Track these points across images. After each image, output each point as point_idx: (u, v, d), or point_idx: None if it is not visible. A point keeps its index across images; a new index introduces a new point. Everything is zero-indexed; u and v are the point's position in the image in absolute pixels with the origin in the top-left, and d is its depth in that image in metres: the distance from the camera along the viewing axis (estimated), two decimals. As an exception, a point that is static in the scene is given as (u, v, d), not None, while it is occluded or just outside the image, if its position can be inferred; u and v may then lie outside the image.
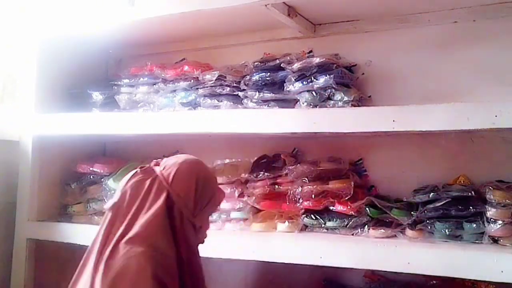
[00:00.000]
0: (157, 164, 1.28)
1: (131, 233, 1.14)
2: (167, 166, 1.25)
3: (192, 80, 1.93)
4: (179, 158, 1.29)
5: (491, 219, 1.45)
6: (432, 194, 1.56)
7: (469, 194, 1.52)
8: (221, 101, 1.84)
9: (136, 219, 1.17)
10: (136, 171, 1.26)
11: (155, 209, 1.17)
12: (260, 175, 1.83)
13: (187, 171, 1.24)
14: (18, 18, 2.17)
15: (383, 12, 1.82)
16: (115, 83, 2.11)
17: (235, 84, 1.84)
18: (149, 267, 1.09)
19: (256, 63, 1.81)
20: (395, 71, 1.84)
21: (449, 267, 1.37)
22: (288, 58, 1.76)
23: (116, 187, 1.99)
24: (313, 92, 1.67)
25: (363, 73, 1.82)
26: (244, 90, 1.81)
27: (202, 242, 1.29)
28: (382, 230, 1.59)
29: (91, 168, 2.12)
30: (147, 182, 1.22)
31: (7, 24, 2.18)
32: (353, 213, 1.66)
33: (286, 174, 1.81)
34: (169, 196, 1.19)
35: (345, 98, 1.64)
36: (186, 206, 1.20)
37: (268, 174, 1.83)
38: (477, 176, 1.68)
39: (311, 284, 1.92)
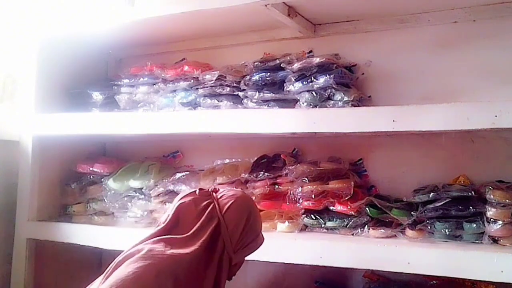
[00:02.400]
0: (215, 191, 1.29)
1: (164, 251, 1.13)
2: (225, 196, 1.26)
3: (192, 80, 1.93)
4: (238, 192, 1.31)
5: (491, 219, 1.45)
6: (432, 194, 1.55)
7: (469, 194, 1.52)
8: (221, 101, 1.85)
9: (185, 239, 1.17)
10: (195, 191, 1.27)
11: (203, 237, 1.17)
12: (260, 175, 1.83)
13: (242, 206, 1.25)
14: (18, 18, 2.17)
15: (383, 12, 1.82)
16: (115, 83, 2.11)
17: (235, 84, 1.84)
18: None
19: (256, 63, 1.81)
20: (395, 71, 1.84)
21: (449, 267, 1.37)
22: (288, 58, 1.76)
23: (116, 187, 2.02)
24: (313, 92, 1.67)
25: (363, 73, 1.82)
26: (244, 90, 1.81)
27: (230, 279, 1.29)
28: (382, 230, 1.59)
29: (91, 168, 2.12)
30: (203, 204, 1.23)
31: (7, 24, 2.18)
32: (353, 213, 1.66)
33: (286, 174, 1.81)
34: (218, 225, 1.20)
35: (345, 98, 1.64)
36: (230, 240, 1.20)
37: (268, 174, 1.83)
38: (477, 176, 1.68)
39: (311, 284, 1.92)
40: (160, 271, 1.08)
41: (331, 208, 1.71)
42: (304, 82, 1.68)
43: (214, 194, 1.28)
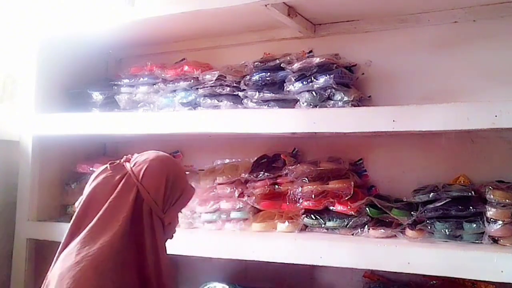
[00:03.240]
0: (128, 160, 1.26)
1: (92, 245, 1.09)
2: (138, 162, 1.23)
3: (192, 80, 1.93)
4: (150, 154, 1.27)
5: (491, 219, 1.45)
6: (432, 194, 1.55)
7: (469, 194, 1.51)
8: (221, 101, 1.84)
9: (104, 219, 1.14)
10: (106, 167, 1.24)
11: (124, 210, 1.15)
12: (260, 175, 1.83)
13: (157, 167, 1.22)
14: (18, 18, 2.17)
15: (383, 12, 1.82)
16: (115, 83, 2.11)
17: (235, 84, 1.84)
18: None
19: (256, 63, 1.81)
20: (395, 71, 1.84)
21: (449, 267, 1.37)
22: (288, 58, 1.76)
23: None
24: (313, 92, 1.67)
25: (363, 73, 1.82)
26: (244, 90, 1.81)
27: (171, 237, 1.28)
28: (382, 230, 1.59)
29: (91, 168, 2.12)
30: (117, 178, 1.20)
31: (7, 24, 2.18)
32: (353, 213, 1.66)
33: (286, 174, 1.81)
34: (138, 193, 1.18)
35: (345, 98, 1.64)
36: (155, 203, 1.19)
37: (268, 174, 1.83)
38: (477, 176, 1.68)
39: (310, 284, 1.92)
40: (96, 269, 1.05)
41: (331, 208, 1.71)
42: (304, 82, 1.67)
43: (127, 164, 1.24)
